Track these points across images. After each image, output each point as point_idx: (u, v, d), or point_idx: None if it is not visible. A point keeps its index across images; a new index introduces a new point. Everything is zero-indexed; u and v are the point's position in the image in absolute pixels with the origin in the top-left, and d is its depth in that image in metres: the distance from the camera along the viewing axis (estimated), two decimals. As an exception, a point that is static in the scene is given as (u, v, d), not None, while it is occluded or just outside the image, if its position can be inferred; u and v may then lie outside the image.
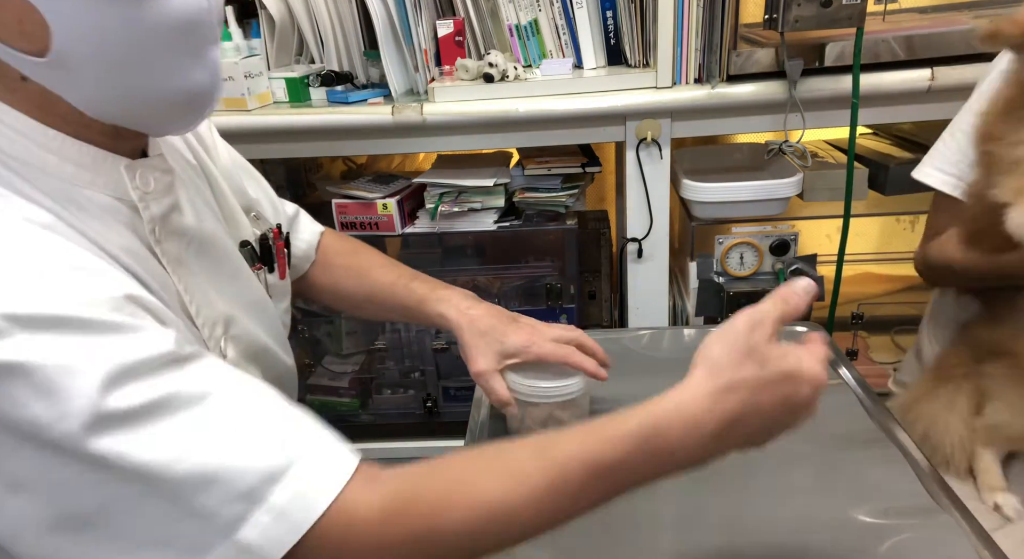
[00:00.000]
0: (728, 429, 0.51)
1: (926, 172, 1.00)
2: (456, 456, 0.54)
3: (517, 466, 0.52)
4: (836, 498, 0.73)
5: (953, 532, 0.68)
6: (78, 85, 0.53)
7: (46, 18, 0.49)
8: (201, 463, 0.48)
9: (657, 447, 0.51)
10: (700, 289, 1.38)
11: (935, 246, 1.01)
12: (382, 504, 0.50)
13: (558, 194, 1.40)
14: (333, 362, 1.65)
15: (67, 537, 0.48)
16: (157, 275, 0.60)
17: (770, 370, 0.52)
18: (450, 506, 0.51)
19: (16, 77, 0.52)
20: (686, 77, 1.26)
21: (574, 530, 0.72)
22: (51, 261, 0.49)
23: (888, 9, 1.21)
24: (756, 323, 0.55)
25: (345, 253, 0.95)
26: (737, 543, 0.69)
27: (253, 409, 0.52)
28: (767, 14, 1.16)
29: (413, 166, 1.77)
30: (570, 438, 0.53)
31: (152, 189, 0.61)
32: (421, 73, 1.33)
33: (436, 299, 0.86)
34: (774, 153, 1.38)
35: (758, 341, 0.53)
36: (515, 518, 0.51)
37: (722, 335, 0.54)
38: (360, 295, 0.93)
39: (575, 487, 0.52)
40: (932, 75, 1.21)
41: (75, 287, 0.49)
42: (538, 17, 1.34)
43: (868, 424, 0.84)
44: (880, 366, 1.56)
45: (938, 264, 1.00)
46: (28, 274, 0.48)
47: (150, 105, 0.56)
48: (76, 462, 0.46)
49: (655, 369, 1.01)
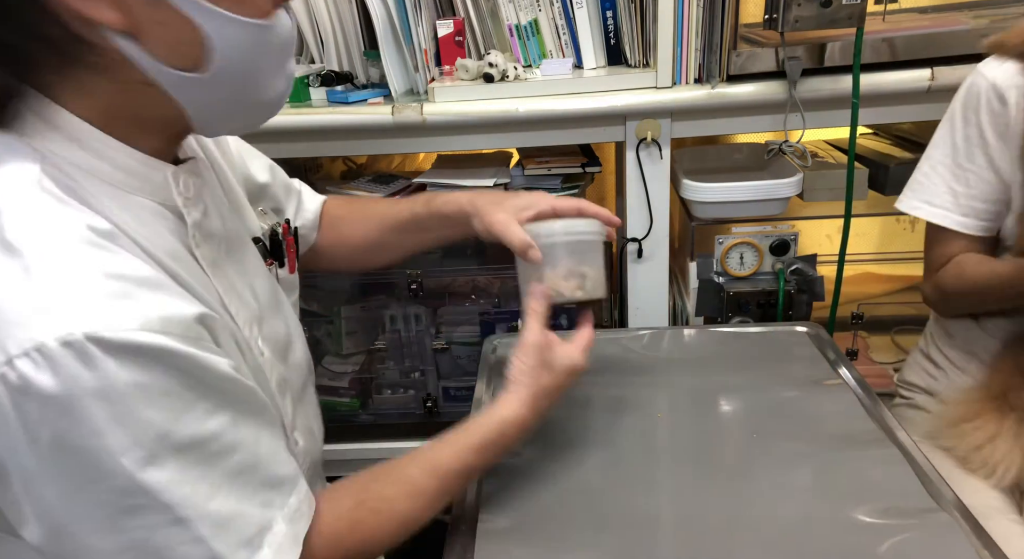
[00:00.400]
0: (540, 415, 0.76)
1: (914, 205, 1.03)
2: (374, 484, 0.69)
3: (417, 486, 0.69)
4: (836, 498, 0.73)
5: (953, 532, 0.68)
6: (206, 97, 0.57)
7: (213, 42, 0.54)
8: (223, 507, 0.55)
9: (502, 445, 0.73)
10: (700, 289, 1.38)
11: (950, 275, 1.01)
12: (327, 542, 0.63)
13: (558, 194, 1.40)
14: (333, 362, 1.65)
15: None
16: (199, 279, 0.62)
17: (557, 372, 0.76)
18: (378, 530, 0.67)
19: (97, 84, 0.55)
20: (686, 77, 1.26)
21: (574, 530, 0.72)
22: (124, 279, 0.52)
23: (888, 9, 1.21)
24: (542, 343, 0.76)
25: (346, 204, 1.00)
26: (737, 543, 0.69)
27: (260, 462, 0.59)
28: (767, 14, 1.16)
29: (413, 166, 1.77)
30: (446, 452, 0.71)
31: (191, 194, 0.63)
32: (421, 73, 1.33)
33: (443, 197, 0.90)
34: (774, 153, 1.38)
35: (545, 354, 0.75)
36: (418, 522, 0.70)
37: (522, 355, 0.75)
38: (369, 232, 0.96)
39: (455, 488, 0.72)
40: (932, 75, 1.21)
41: (153, 309, 0.51)
42: (538, 17, 1.34)
43: (868, 424, 0.85)
44: (880, 366, 1.56)
45: (960, 290, 1.01)
46: (104, 293, 0.50)
47: (244, 112, 0.62)
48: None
49: (655, 369, 1.01)
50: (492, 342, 1.10)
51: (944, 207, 1.00)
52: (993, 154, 0.96)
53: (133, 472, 0.49)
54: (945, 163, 1.00)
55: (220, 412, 0.55)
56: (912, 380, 1.17)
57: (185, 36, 0.53)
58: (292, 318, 0.79)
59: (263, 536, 0.57)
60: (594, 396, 0.96)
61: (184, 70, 0.54)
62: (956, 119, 0.99)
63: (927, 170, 1.02)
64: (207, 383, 0.54)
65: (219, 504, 0.54)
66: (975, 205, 0.98)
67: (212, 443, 0.54)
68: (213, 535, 0.53)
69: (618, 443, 0.85)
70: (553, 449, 0.84)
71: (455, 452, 0.71)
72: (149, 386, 0.50)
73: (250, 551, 0.56)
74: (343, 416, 1.62)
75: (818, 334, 1.06)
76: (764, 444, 0.83)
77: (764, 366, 0.99)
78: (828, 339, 1.05)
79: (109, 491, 0.49)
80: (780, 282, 1.34)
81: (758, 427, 0.86)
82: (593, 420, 0.91)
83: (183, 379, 0.52)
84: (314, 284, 1.59)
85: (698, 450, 0.84)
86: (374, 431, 1.61)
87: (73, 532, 0.50)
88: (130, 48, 0.53)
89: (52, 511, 0.50)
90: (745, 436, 0.85)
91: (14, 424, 0.47)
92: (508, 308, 1.54)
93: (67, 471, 0.49)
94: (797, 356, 1.01)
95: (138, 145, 0.58)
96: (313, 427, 0.79)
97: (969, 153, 0.97)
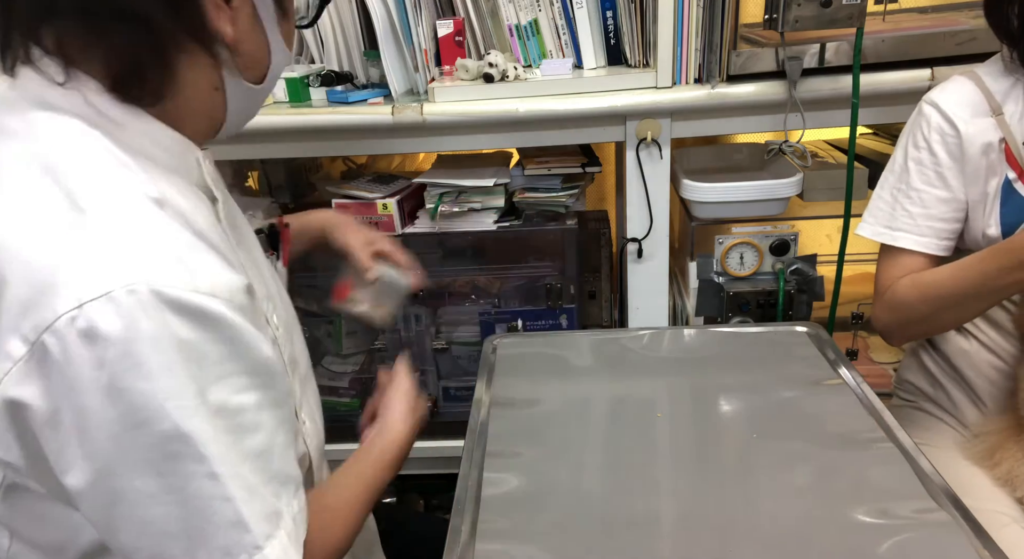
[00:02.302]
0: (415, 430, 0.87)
1: (877, 232, 1.03)
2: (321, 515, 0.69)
3: (352, 508, 0.75)
4: (836, 498, 0.73)
5: (953, 532, 0.68)
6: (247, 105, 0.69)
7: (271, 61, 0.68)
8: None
9: (400, 458, 0.83)
10: (700, 289, 1.38)
11: (903, 286, 1.00)
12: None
13: (558, 194, 1.40)
14: (333, 362, 1.65)
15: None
16: (232, 254, 0.66)
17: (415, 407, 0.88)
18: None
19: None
20: (686, 77, 1.26)
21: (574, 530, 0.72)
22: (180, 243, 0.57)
23: (888, 9, 1.21)
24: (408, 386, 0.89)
25: None
26: (737, 543, 0.69)
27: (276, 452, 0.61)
28: (767, 14, 1.16)
29: (413, 166, 1.77)
30: (366, 473, 0.79)
31: (215, 178, 0.69)
32: (421, 73, 1.33)
33: (306, 215, 1.10)
34: (774, 153, 1.38)
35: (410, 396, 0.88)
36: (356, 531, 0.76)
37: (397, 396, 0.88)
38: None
39: (374, 499, 0.79)
40: (932, 75, 1.21)
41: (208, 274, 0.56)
42: (538, 17, 1.34)
43: (868, 424, 0.84)
44: (880, 366, 1.56)
45: (917, 297, 0.98)
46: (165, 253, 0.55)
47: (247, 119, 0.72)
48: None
49: (655, 369, 1.01)
50: (492, 342, 1.10)
51: (903, 229, 1.01)
52: (946, 174, 0.98)
53: (177, 418, 0.52)
54: (900, 188, 1.02)
55: (252, 391, 0.58)
56: (911, 379, 1.17)
57: (262, 55, 0.66)
58: (291, 307, 0.83)
59: (278, 521, 0.59)
60: (594, 396, 0.96)
61: (253, 82, 0.67)
62: (907, 146, 1.02)
63: (883, 196, 1.04)
64: (248, 359, 0.57)
65: (247, 473, 0.56)
66: (933, 225, 0.99)
67: (240, 416, 0.57)
68: (242, 498, 0.56)
69: (618, 443, 0.85)
70: (553, 449, 0.84)
71: (372, 473, 0.80)
72: (197, 346, 0.54)
73: (271, 527, 0.58)
74: (343, 416, 1.61)
75: (818, 334, 1.06)
76: (764, 444, 0.83)
77: (764, 366, 0.99)
78: (828, 339, 1.05)
79: (154, 434, 0.52)
80: (780, 282, 1.34)
81: (758, 427, 0.86)
82: (593, 420, 0.91)
83: (227, 348, 0.56)
84: (314, 284, 1.59)
85: (698, 450, 0.84)
86: (374, 431, 1.60)
87: (118, 473, 0.53)
88: (227, 59, 0.63)
89: (101, 452, 0.52)
90: (745, 436, 0.85)
91: (77, 365, 0.51)
92: (508, 308, 1.54)
93: (119, 411, 0.52)
94: (797, 356, 1.01)
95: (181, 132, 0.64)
96: (316, 414, 0.81)
97: (923, 175, 1.00)
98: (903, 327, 1.03)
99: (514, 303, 1.54)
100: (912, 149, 1.01)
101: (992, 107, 0.95)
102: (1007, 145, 0.94)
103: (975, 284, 0.92)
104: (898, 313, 1.01)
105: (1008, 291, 0.91)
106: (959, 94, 0.98)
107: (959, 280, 0.94)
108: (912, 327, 1.03)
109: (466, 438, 0.88)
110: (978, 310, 0.97)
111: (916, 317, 0.99)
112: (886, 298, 1.02)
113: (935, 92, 1.00)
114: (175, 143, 0.63)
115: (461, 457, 0.84)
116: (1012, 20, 0.93)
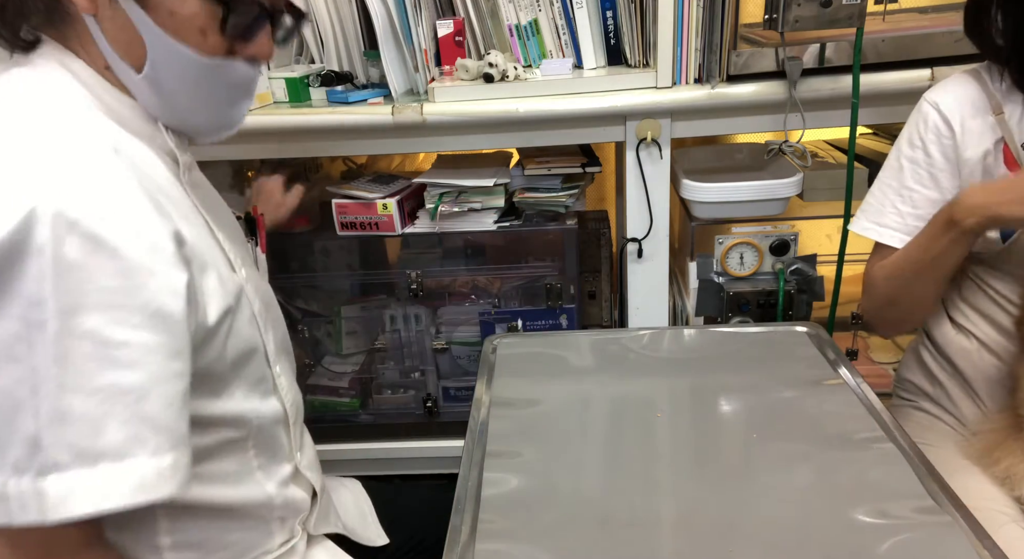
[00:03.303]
0: None
1: (865, 226, 1.06)
2: None
3: None
4: (836, 498, 0.73)
5: (953, 532, 0.68)
6: (145, 94, 0.69)
7: (148, 52, 0.66)
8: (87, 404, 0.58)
9: None
10: (700, 289, 1.38)
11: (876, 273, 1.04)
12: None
13: (558, 194, 1.40)
14: (333, 362, 1.65)
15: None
16: (187, 208, 0.71)
17: None
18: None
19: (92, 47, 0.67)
20: (686, 77, 1.26)
21: (574, 530, 0.72)
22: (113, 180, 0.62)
23: (888, 9, 1.21)
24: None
25: None
26: (737, 543, 0.69)
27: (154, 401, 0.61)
28: (767, 14, 1.16)
29: (413, 166, 1.77)
30: None
31: (180, 143, 0.74)
32: (421, 73, 1.33)
33: None
34: (774, 153, 1.38)
35: None
36: None
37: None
38: None
39: None
40: (932, 75, 1.21)
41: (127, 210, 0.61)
42: (538, 17, 1.34)
43: (868, 424, 0.85)
44: (880, 366, 1.56)
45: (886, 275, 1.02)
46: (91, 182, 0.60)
47: (195, 123, 0.75)
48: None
49: (655, 369, 1.01)
50: (492, 342, 1.10)
51: (890, 227, 1.03)
52: (939, 175, 0.99)
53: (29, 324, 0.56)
54: (892, 185, 1.03)
55: (141, 330, 0.60)
56: (910, 379, 1.17)
57: (129, 36, 0.66)
58: (269, 287, 0.87)
59: (99, 460, 0.58)
60: (594, 396, 0.96)
61: (130, 66, 0.67)
62: (903, 143, 1.03)
63: (876, 192, 1.06)
64: (141, 298, 0.60)
65: (92, 403, 0.58)
66: (920, 225, 1.00)
67: (113, 349, 0.58)
68: (54, 419, 0.57)
69: (618, 443, 0.85)
70: (553, 449, 0.84)
71: None
72: (82, 268, 0.57)
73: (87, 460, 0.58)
74: (343, 416, 1.62)
75: (818, 334, 1.06)
76: (764, 444, 0.83)
77: (764, 366, 0.99)
78: (828, 339, 1.05)
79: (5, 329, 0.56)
80: (780, 282, 1.34)
81: (758, 427, 0.86)
82: (593, 420, 0.91)
83: (119, 281, 0.59)
84: (314, 284, 1.59)
85: (698, 450, 0.84)
86: (374, 431, 1.61)
87: None
88: (93, 28, 0.65)
89: None
90: (745, 436, 0.85)
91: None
92: (508, 308, 1.54)
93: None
94: (797, 356, 1.01)
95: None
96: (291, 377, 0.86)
97: (916, 174, 1.01)
98: (879, 311, 1.07)
99: (514, 303, 1.54)
100: (907, 148, 1.02)
101: (993, 106, 0.95)
102: (1006, 146, 0.94)
103: (918, 254, 0.97)
104: (871, 299, 1.06)
105: (945, 258, 0.95)
106: (960, 92, 0.98)
107: (908, 253, 0.99)
108: (886, 311, 1.06)
109: (466, 438, 0.88)
110: (935, 284, 1.00)
111: (884, 299, 1.04)
112: (865, 286, 1.06)
113: (936, 90, 1.01)
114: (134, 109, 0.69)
115: (461, 457, 0.84)
116: (995, 37, 0.93)
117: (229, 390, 0.73)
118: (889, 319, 1.10)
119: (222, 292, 0.70)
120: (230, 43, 0.69)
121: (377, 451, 1.58)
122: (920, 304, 1.05)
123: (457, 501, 0.77)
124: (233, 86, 0.73)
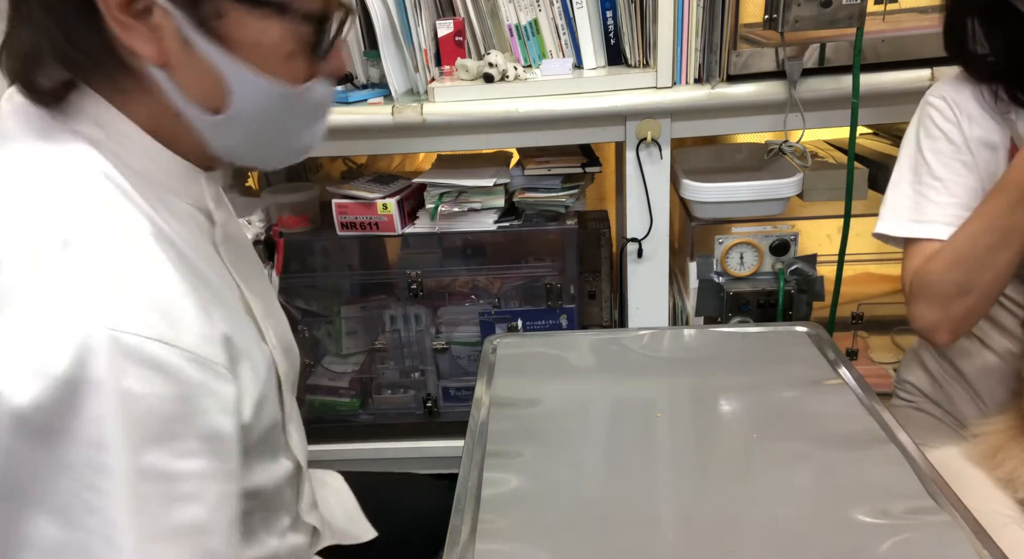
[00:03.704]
0: None
1: (904, 227, 0.98)
2: None
3: None
4: (836, 498, 0.73)
5: (953, 533, 0.68)
6: (224, 135, 0.63)
7: (233, 92, 0.59)
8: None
9: None
10: (700, 289, 1.38)
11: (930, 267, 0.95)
12: None
13: (558, 194, 1.40)
14: (333, 362, 1.65)
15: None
16: (224, 277, 0.67)
17: None
18: None
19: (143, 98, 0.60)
20: (686, 77, 1.26)
21: (574, 530, 0.72)
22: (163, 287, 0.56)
23: (888, 9, 1.21)
24: None
25: None
26: (737, 543, 0.69)
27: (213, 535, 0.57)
28: (767, 14, 1.16)
29: (413, 166, 1.77)
30: None
31: (217, 198, 0.69)
32: (421, 73, 1.33)
33: None
34: (774, 153, 1.38)
35: None
36: None
37: None
38: None
39: None
40: (932, 75, 1.21)
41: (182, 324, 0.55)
42: (538, 17, 1.34)
43: (868, 424, 0.84)
44: (880, 366, 1.56)
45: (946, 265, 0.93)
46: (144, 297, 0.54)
47: (267, 155, 0.69)
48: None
49: (655, 369, 1.01)
50: (492, 342, 1.10)
51: (935, 220, 0.96)
52: (967, 160, 0.96)
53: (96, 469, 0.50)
54: (922, 180, 0.98)
55: (200, 457, 0.55)
56: (911, 379, 1.16)
57: (209, 80, 0.59)
58: (284, 317, 0.83)
59: None
60: (594, 396, 0.96)
61: (207, 110, 0.60)
62: (920, 138, 0.99)
63: (905, 191, 0.99)
64: (201, 423, 0.55)
65: (160, 550, 0.53)
66: (961, 213, 0.95)
67: (176, 484, 0.54)
68: None
69: (618, 443, 0.85)
70: (553, 449, 0.84)
71: None
72: (144, 400, 0.51)
73: None
74: (343, 416, 1.62)
75: (818, 334, 1.06)
76: (764, 444, 0.83)
77: (764, 366, 0.99)
78: (828, 339, 1.05)
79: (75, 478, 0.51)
80: (780, 282, 1.34)
81: (758, 427, 0.86)
82: (592, 420, 0.91)
83: (180, 407, 0.53)
84: (314, 284, 1.59)
85: (698, 450, 0.84)
86: (374, 431, 1.61)
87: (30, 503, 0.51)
88: (162, 79, 0.58)
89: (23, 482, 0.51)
90: (745, 436, 0.85)
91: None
92: (508, 308, 1.54)
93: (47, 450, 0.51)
94: (797, 356, 1.01)
95: (178, 153, 0.63)
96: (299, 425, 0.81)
97: (945, 164, 0.97)
98: (946, 308, 0.94)
99: (514, 303, 1.54)
100: (927, 140, 0.97)
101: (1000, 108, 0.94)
102: (1013, 144, 0.94)
103: (989, 230, 0.89)
104: (934, 296, 0.95)
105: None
106: (963, 87, 0.97)
107: (973, 233, 0.91)
108: (954, 305, 0.94)
109: (466, 438, 0.88)
110: (1009, 260, 0.91)
111: (952, 290, 0.93)
112: (915, 289, 0.96)
113: (940, 86, 0.98)
114: (173, 164, 0.63)
115: (461, 457, 0.84)
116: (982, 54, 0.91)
117: (251, 470, 0.68)
118: (958, 313, 0.96)
119: (255, 382, 0.65)
120: (313, 64, 0.63)
121: (377, 451, 1.58)
122: (996, 283, 0.94)
123: (457, 501, 0.77)
124: (314, 108, 0.67)
